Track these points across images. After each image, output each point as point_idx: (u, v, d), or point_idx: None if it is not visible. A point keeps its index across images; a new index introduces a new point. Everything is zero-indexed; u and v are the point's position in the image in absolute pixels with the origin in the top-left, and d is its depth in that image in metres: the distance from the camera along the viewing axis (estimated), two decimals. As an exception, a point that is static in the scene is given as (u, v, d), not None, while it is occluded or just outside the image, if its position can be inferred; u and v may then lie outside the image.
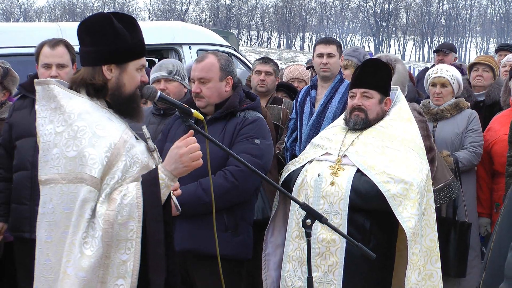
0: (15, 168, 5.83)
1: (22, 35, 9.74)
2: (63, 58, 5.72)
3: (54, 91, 3.67)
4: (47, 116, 3.66)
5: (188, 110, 3.93)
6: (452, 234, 6.58)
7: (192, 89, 5.31)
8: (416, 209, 4.85)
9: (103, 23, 3.70)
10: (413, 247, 4.81)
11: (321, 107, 6.72)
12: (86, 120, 3.57)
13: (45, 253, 3.59)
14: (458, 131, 7.08)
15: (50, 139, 3.60)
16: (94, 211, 3.48)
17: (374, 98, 5.28)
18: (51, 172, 3.56)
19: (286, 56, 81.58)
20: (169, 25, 13.92)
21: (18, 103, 6.00)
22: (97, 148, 3.51)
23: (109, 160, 3.53)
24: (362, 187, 4.98)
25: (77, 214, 3.46)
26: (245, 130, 5.12)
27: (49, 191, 3.58)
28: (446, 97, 7.19)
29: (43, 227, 3.60)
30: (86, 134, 3.52)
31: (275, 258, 5.49)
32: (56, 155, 3.55)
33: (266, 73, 7.33)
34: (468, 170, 7.08)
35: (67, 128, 3.56)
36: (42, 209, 3.62)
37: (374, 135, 5.21)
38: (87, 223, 3.45)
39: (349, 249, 4.93)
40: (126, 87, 3.75)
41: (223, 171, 5.00)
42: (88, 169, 3.48)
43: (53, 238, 3.55)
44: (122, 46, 3.71)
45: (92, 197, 3.47)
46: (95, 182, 3.48)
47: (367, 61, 5.65)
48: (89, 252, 3.45)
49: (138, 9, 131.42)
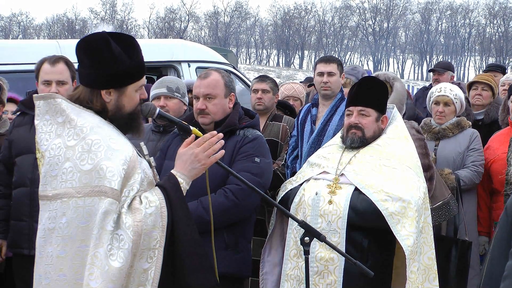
0: (15, 185, 5.84)
1: (21, 52, 9.78)
2: (63, 75, 5.73)
3: (62, 105, 3.63)
4: (53, 131, 3.62)
5: (187, 127, 3.94)
6: (453, 252, 6.54)
7: (195, 106, 5.29)
8: (414, 227, 4.84)
9: (101, 45, 3.65)
10: (412, 265, 4.81)
11: (322, 125, 6.74)
12: (99, 133, 3.55)
13: (58, 268, 3.52)
14: (460, 150, 7.10)
15: (60, 153, 3.55)
16: (117, 222, 3.45)
17: (371, 116, 5.29)
18: (63, 186, 3.52)
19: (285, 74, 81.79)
20: (168, 42, 13.99)
21: (18, 120, 6.01)
22: (113, 161, 3.49)
23: (126, 173, 3.51)
24: (360, 206, 4.97)
25: (98, 227, 3.41)
26: (245, 149, 5.13)
27: (60, 206, 3.52)
28: (449, 116, 7.21)
29: (55, 242, 3.53)
30: (101, 147, 3.50)
31: (272, 277, 5.47)
32: (69, 169, 3.51)
33: (263, 91, 7.34)
34: (469, 189, 7.09)
35: (80, 141, 3.53)
36: (51, 224, 3.55)
37: (371, 153, 5.21)
38: (111, 235, 3.42)
39: (348, 268, 4.92)
40: (125, 108, 3.73)
41: (223, 189, 5.00)
42: (107, 181, 3.45)
43: (68, 253, 3.49)
44: (120, 70, 3.66)
45: (114, 209, 3.44)
46: (116, 194, 3.45)
47: (364, 79, 5.67)
48: (117, 264, 3.40)
49: (137, 27, 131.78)
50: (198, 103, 5.24)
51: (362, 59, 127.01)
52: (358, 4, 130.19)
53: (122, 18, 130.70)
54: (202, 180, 4.87)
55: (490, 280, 3.82)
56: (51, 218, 3.56)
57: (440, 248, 6.41)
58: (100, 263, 3.39)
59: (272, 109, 7.44)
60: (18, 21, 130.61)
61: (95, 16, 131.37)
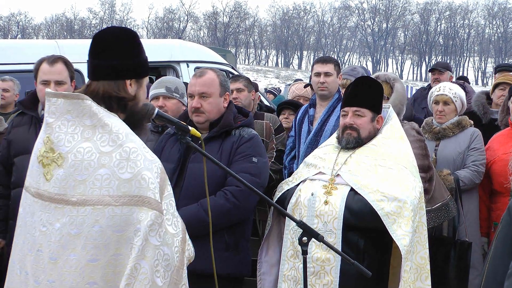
0: (13, 185, 5.84)
1: (20, 52, 9.77)
2: (61, 75, 5.73)
3: (92, 107, 3.51)
4: (77, 132, 3.50)
5: (186, 127, 3.94)
6: (452, 253, 6.53)
7: (190, 104, 5.31)
8: (410, 227, 4.86)
9: (130, 36, 3.67)
10: (405, 264, 4.82)
11: (319, 125, 6.74)
12: (135, 142, 3.49)
13: (88, 276, 3.41)
14: (460, 150, 7.07)
15: (92, 158, 3.43)
16: (163, 238, 3.41)
17: (366, 117, 5.30)
18: (96, 193, 3.41)
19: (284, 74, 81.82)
20: (167, 42, 13.94)
21: (16, 120, 6.02)
22: (151, 171, 3.44)
23: (160, 186, 3.47)
24: (356, 206, 4.99)
25: (143, 239, 3.35)
26: (242, 149, 5.14)
27: (91, 213, 3.40)
28: (449, 115, 7.19)
29: (83, 249, 3.41)
30: (139, 156, 3.44)
31: (270, 278, 5.48)
32: (104, 175, 3.41)
33: (237, 90, 7.29)
34: (469, 189, 7.04)
35: (117, 148, 3.44)
36: (74, 230, 3.43)
37: (367, 153, 5.23)
38: (157, 250, 3.37)
39: (344, 268, 4.94)
40: (139, 102, 3.71)
41: (223, 191, 5.01)
42: (151, 193, 3.40)
43: (101, 261, 3.40)
44: (142, 60, 3.70)
45: (159, 222, 3.39)
46: (160, 207, 3.42)
47: (358, 79, 5.66)
48: (159, 283, 3.37)
49: (136, 27, 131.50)
50: (193, 101, 5.26)
51: (361, 59, 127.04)
52: (357, 5, 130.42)
53: (121, 18, 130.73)
54: (200, 181, 4.90)
55: (494, 279, 3.83)
56: (74, 224, 3.43)
57: (439, 249, 6.42)
58: (144, 277, 3.34)
59: (251, 107, 7.39)
60: (16, 21, 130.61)
61: (94, 16, 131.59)
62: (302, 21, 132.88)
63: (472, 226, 7.04)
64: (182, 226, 3.55)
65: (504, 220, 3.90)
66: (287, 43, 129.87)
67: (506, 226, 3.87)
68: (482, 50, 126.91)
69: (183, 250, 3.48)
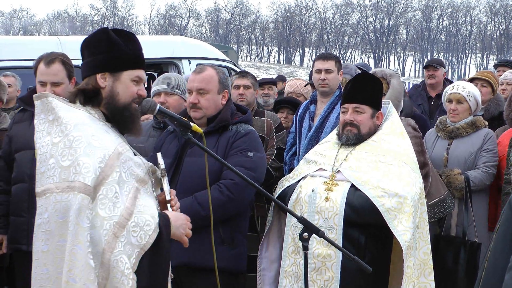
0: (14, 181, 5.85)
1: (22, 48, 9.80)
2: (57, 76, 5.70)
3: (52, 103, 3.71)
4: (45, 129, 3.69)
5: (187, 123, 3.96)
6: (462, 253, 6.51)
7: (188, 99, 5.33)
8: (411, 222, 4.87)
9: (100, 36, 3.81)
10: (408, 260, 4.84)
11: (320, 121, 6.74)
12: (82, 130, 3.59)
13: (42, 263, 3.58)
14: (473, 150, 6.97)
15: (47, 150, 3.61)
16: (91, 220, 3.47)
17: (366, 113, 5.31)
18: (47, 182, 3.57)
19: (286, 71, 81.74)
20: (169, 39, 14.03)
21: (18, 116, 6.03)
22: (91, 157, 3.52)
23: (103, 171, 3.54)
24: (356, 202, 5.00)
25: (74, 223, 3.44)
26: (238, 143, 5.16)
27: (44, 202, 3.57)
28: (462, 113, 7.07)
29: (40, 237, 3.59)
30: (81, 144, 3.54)
31: (270, 273, 5.50)
32: (52, 165, 3.57)
33: (244, 86, 7.30)
34: (479, 189, 6.96)
35: (63, 138, 3.58)
36: (38, 220, 3.62)
37: (367, 150, 5.23)
38: (86, 232, 3.43)
39: (345, 264, 4.96)
40: (120, 96, 3.77)
41: (218, 184, 5.03)
42: (81, 177, 3.48)
43: (50, 248, 3.54)
44: (115, 55, 3.77)
45: (86, 205, 3.46)
46: (88, 189, 3.48)
47: (358, 75, 5.66)
48: (92, 264, 3.43)
49: (138, 23, 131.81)
50: (191, 97, 5.30)
51: (363, 56, 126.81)
52: (359, 1, 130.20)
53: (123, 15, 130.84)
54: (195, 175, 4.92)
55: (494, 272, 3.83)
56: (38, 214, 3.62)
57: (448, 249, 6.41)
58: (80, 262, 3.43)
59: (253, 105, 7.41)
60: (19, 17, 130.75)
61: (96, 12, 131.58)
62: (304, 18, 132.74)
63: (481, 226, 6.96)
64: (124, 212, 3.56)
65: (505, 214, 3.90)
66: (289, 40, 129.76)
67: (506, 220, 3.87)
68: (484, 47, 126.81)
69: (115, 234, 3.50)
